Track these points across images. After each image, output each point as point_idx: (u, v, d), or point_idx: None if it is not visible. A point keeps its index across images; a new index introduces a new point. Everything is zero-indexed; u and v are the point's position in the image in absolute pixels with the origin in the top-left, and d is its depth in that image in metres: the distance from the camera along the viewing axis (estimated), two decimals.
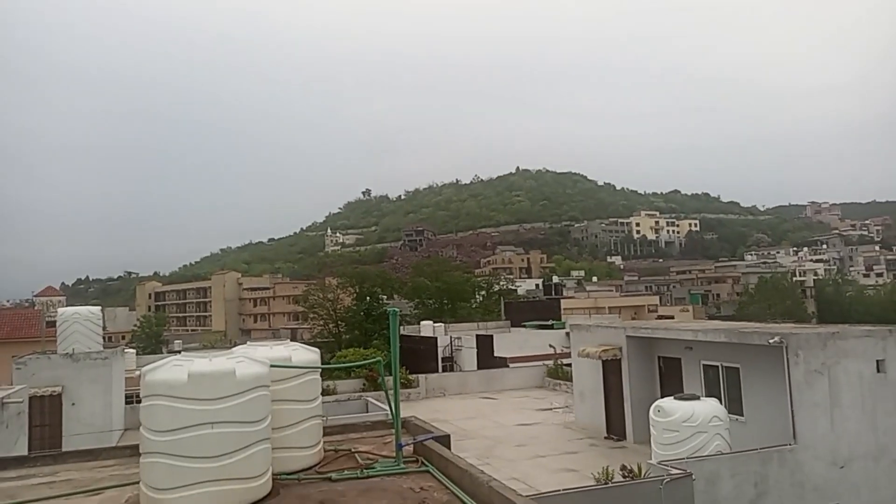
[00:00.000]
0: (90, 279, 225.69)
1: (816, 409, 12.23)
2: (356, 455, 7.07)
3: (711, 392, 14.85)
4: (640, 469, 10.70)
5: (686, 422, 11.61)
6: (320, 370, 7.25)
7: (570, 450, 16.48)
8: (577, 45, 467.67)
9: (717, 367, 15.12)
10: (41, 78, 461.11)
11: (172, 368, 5.78)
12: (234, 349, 6.74)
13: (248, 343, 7.39)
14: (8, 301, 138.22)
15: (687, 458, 11.06)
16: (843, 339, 12.73)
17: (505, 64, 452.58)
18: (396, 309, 6.94)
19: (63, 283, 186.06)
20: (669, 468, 10.48)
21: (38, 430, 19.60)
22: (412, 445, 7.09)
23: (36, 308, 57.33)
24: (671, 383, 16.29)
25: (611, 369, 17.51)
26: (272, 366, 6.32)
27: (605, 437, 17.58)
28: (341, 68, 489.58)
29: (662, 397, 16.28)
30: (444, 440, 7.33)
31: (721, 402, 13.07)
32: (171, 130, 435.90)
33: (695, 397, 12.26)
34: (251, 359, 6.22)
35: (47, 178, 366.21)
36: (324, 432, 7.41)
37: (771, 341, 12.55)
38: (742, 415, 14.37)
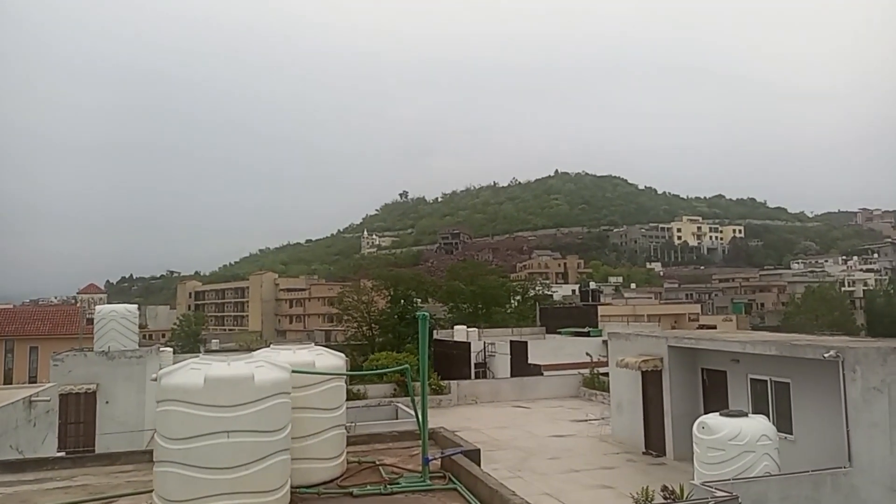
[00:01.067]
0: (134, 277, 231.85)
1: (875, 429, 11.44)
2: (380, 468, 6.76)
3: (759, 408, 14.13)
4: (682, 490, 10.14)
5: (733, 440, 10.98)
6: (345, 377, 6.97)
7: (606, 465, 15.89)
8: (618, 45, 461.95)
9: (766, 381, 14.37)
10: (75, 73, 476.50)
11: (189, 372, 5.55)
12: (254, 353, 6.50)
13: (272, 346, 7.14)
14: (56, 298, 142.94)
15: (733, 479, 10.44)
16: None
17: (543, 65, 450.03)
18: (426, 313, 6.61)
19: (108, 282, 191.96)
20: (714, 490, 9.87)
21: (72, 428, 19.88)
22: (440, 460, 6.74)
23: (78, 305, 58.89)
24: (715, 397, 15.58)
25: (651, 381, 16.85)
26: (293, 371, 6.05)
27: (644, 453, 16.92)
28: (381, 70, 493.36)
29: (706, 412, 15.65)
30: (474, 455, 6.96)
31: (769, 419, 12.39)
32: (213, 134, 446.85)
33: (742, 414, 11.62)
34: (272, 363, 5.96)
35: (98, 175, 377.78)
36: (348, 441, 7.12)
37: (826, 356, 11.82)
38: (791, 433, 13.61)
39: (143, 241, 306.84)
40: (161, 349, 26.74)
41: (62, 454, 15.31)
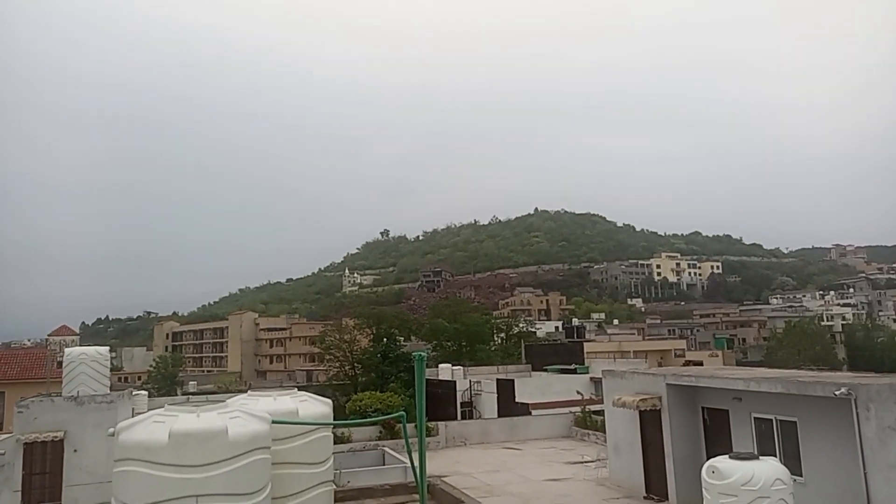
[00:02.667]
0: (110, 318, 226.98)
1: (893, 471, 10.76)
2: None
3: (764, 449, 13.40)
4: None
5: (745, 485, 10.17)
6: (333, 426, 6.16)
7: None
8: (595, 86, 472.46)
9: (771, 420, 13.67)
10: (53, 116, 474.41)
11: (152, 426, 4.74)
12: (229, 400, 5.69)
13: (250, 392, 6.32)
14: (29, 340, 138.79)
15: None
16: None
17: (521, 105, 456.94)
18: (423, 353, 5.87)
19: (83, 323, 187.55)
20: None
21: (37, 479, 18.50)
22: None
23: (49, 348, 56.77)
24: (718, 438, 14.83)
25: (649, 421, 16.06)
26: (274, 421, 5.26)
27: (645, 497, 16.03)
28: (358, 110, 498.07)
29: (708, 453, 14.89)
30: None
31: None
32: (192, 175, 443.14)
33: (753, 456, 10.84)
34: (249, 413, 5.17)
35: (75, 219, 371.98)
36: (335, 497, 6.27)
37: (837, 393, 11.20)
38: (801, 475, 12.87)
39: (119, 282, 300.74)
40: (135, 392, 25.45)
41: None
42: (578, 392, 30.14)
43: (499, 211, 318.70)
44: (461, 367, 44.48)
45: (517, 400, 32.68)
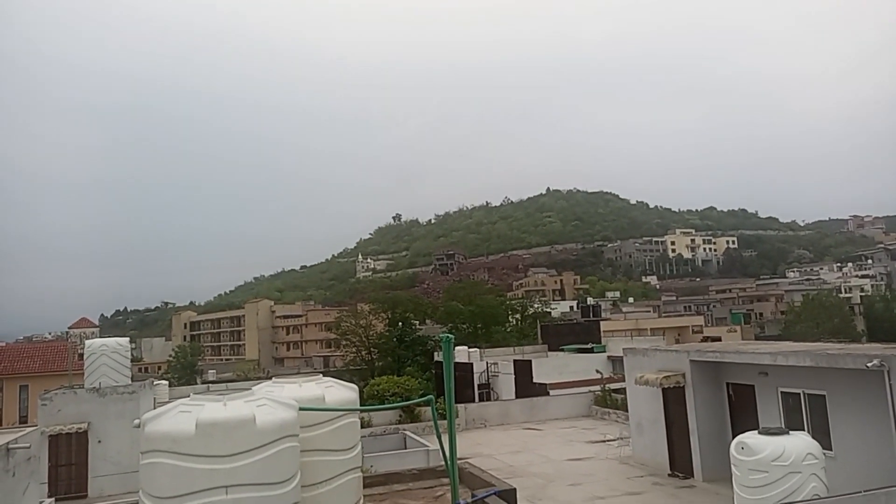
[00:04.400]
0: (128, 310, 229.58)
1: None
2: None
3: (792, 423, 13.19)
4: None
5: (776, 461, 10.02)
6: (360, 412, 6.05)
7: (631, 490, 14.86)
8: (604, 60, 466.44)
9: (799, 394, 13.45)
10: (66, 111, 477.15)
11: (178, 416, 4.63)
12: (254, 388, 5.58)
13: (274, 379, 6.21)
14: (49, 334, 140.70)
15: (779, 503, 9.51)
16: None
17: (530, 83, 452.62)
18: (451, 336, 5.71)
19: (102, 315, 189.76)
20: None
21: (63, 470, 18.77)
22: None
23: (69, 340, 57.54)
24: (743, 414, 14.65)
25: (673, 398, 15.91)
26: (301, 408, 5.14)
27: (670, 475, 15.91)
28: (368, 93, 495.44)
29: (733, 429, 14.73)
30: (510, 496, 6.05)
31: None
32: (205, 165, 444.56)
33: (783, 431, 10.66)
34: (276, 401, 5.05)
35: (90, 212, 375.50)
36: (364, 483, 6.19)
37: (870, 365, 10.95)
38: (830, 449, 12.67)
39: (137, 273, 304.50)
40: (156, 382, 25.68)
41: (51, 500, 14.24)
42: (598, 371, 29.99)
43: (511, 192, 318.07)
44: (477, 349, 44.47)
45: (535, 380, 32.63)
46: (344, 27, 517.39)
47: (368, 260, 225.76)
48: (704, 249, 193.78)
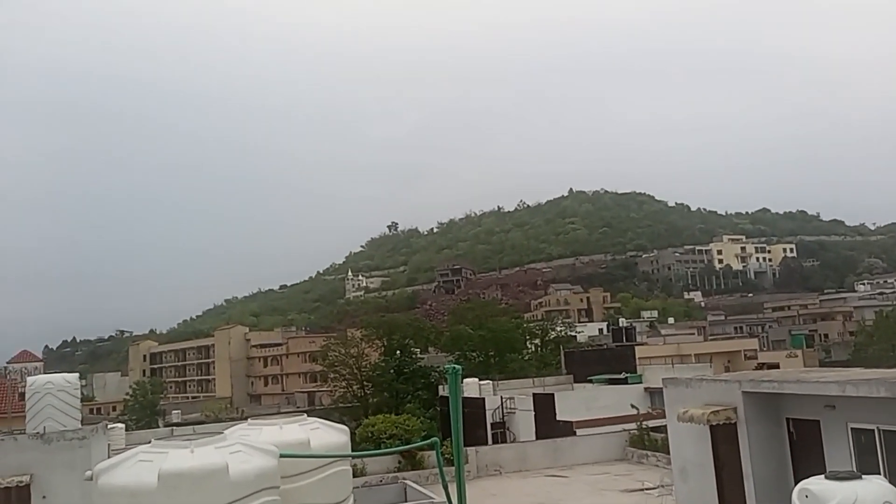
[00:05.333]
0: (77, 341, 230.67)
1: None
2: None
3: (864, 465, 13.18)
4: None
5: None
6: (351, 458, 6.08)
7: None
8: (636, 42, 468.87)
9: (872, 431, 13.46)
10: None
11: (137, 466, 4.66)
12: (227, 431, 5.62)
13: (249, 421, 6.25)
14: None
15: None
16: None
17: (549, 68, 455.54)
18: (458, 366, 5.75)
19: (46, 347, 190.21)
20: None
21: None
22: None
23: (8, 377, 57.80)
24: (807, 454, 14.65)
25: (723, 437, 15.92)
26: (282, 455, 5.17)
27: None
28: (354, 86, 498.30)
29: (796, 472, 14.71)
30: None
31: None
32: (164, 175, 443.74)
33: (855, 476, 10.58)
34: (252, 446, 5.08)
35: (29, 230, 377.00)
36: None
37: None
38: None
39: (87, 298, 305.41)
40: (110, 426, 25.69)
41: None
42: (633, 406, 29.98)
43: (527, 195, 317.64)
44: (490, 382, 44.59)
45: (558, 418, 32.82)
46: (328, 9, 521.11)
47: (360, 277, 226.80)
48: (757, 259, 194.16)
